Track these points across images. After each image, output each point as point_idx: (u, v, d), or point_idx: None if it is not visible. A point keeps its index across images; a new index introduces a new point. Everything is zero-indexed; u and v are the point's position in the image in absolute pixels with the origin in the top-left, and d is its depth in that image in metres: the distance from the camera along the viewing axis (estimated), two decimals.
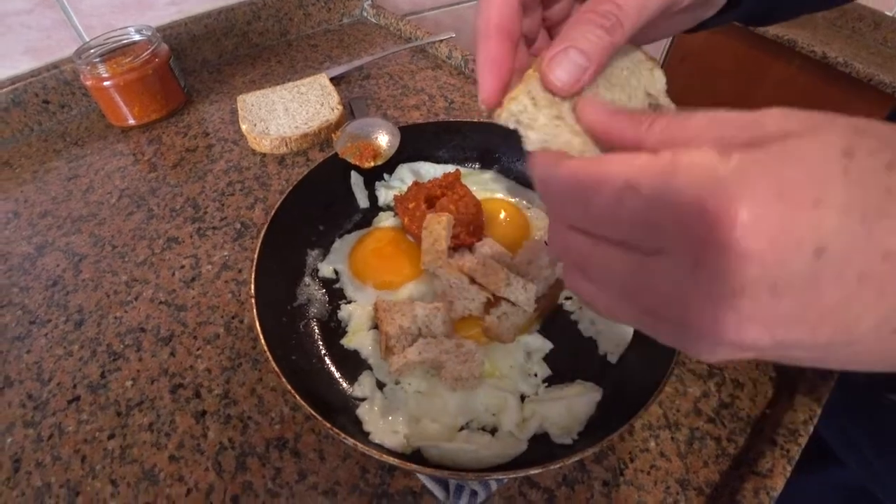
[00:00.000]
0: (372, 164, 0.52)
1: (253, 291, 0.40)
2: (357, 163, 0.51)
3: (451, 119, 0.58)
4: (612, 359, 0.44)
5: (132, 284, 0.52)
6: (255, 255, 0.43)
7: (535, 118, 0.23)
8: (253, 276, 0.41)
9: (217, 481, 0.39)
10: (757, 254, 0.15)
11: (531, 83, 0.23)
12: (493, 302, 0.43)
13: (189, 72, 0.84)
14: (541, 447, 0.38)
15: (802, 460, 0.41)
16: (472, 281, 0.43)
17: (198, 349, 0.47)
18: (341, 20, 0.98)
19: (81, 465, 0.40)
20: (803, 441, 0.41)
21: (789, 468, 0.39)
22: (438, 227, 0.45)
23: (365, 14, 0.99)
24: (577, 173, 0.20)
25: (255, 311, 0.39)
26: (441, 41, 0.86)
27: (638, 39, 0.26)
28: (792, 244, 0.15)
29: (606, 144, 0.22)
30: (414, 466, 0.32)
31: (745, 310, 0.16)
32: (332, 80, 0.76)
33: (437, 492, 0.37)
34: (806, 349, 0.17)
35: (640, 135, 0.20)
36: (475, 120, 0.58)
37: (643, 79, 0.26)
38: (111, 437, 0.42)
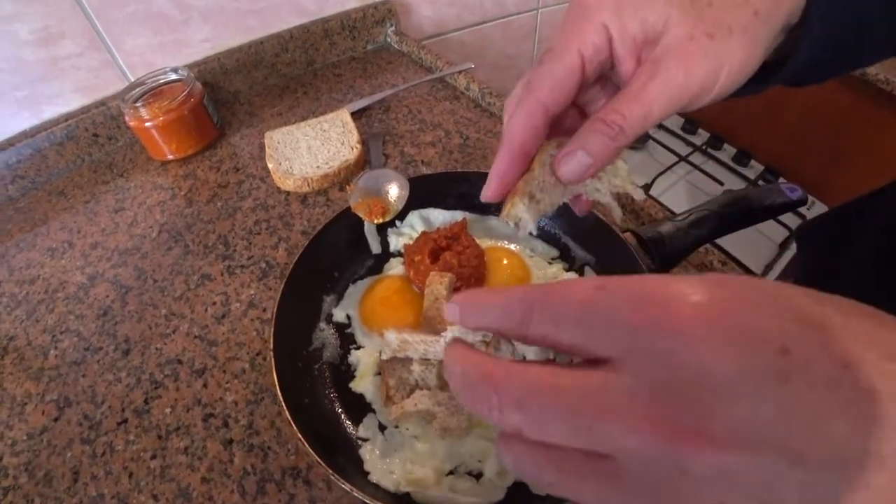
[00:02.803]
0: (381, 219, 0.57)
1: (272, 345, 0.46)
2: (367, 219, 0.56)
3: (458, 170, 0.62)
4: None
5: (170, 318, 0.59)
6: (275, 308, 0.48)
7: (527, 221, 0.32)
8: (272, 331, 0.47)
9: (241, 503, 0.46)
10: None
11: (529, 185, 0.30)
12: None
13: (222, 103, 0.90)
14: (520, 495, 0.43)
15: None
16: None
17: (227, 382, 0.53)
18: (365, 47, 1.02)
19: (129, 481, 0.47)
20: None
21: None
22: (440, 287, 0.49)
23: (389, 40, 1.03)
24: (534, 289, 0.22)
25: (272, 360, 0.45)
26: (460, 72, 0.89)
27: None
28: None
29: None
30: None
31: None
32: (353, 113, 0.81)
33: None
34: None
35: None
36: (481, 170, 0.61)
37: (608, 171, 0.32)
38: (153, 457, 0.49)
